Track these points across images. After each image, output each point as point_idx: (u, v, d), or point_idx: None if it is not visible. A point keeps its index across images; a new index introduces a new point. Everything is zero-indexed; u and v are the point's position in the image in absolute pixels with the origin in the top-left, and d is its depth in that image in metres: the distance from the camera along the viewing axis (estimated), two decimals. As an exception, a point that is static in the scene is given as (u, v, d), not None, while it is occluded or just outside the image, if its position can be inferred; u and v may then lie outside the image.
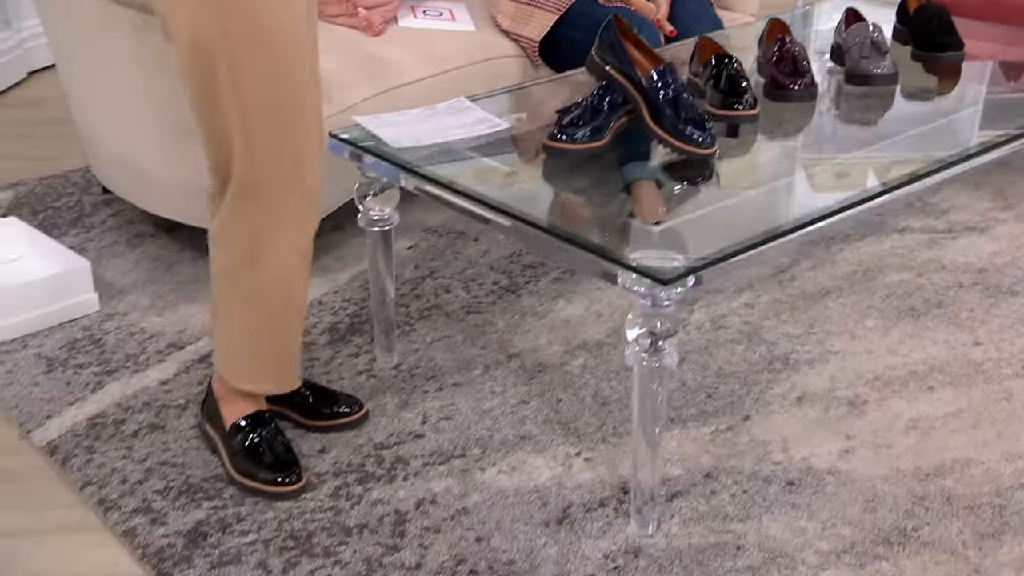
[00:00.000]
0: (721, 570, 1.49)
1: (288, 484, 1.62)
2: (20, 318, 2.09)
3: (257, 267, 1.54)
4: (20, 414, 1.85)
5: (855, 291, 2.28)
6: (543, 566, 1.50)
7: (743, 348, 2.06)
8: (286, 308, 1.60)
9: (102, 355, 2.04)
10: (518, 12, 2.57)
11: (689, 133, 1.67)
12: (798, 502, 1.64)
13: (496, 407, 1.88)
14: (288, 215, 1.51)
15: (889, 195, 1.61)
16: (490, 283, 2.31)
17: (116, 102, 2.25)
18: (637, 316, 1.40)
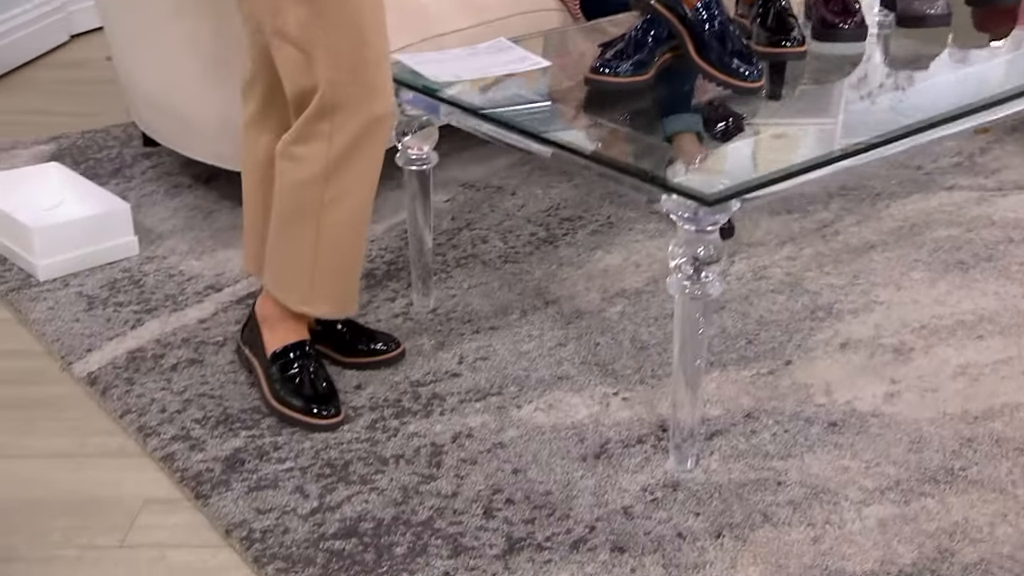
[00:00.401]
0: (761, 504, 1.47)
1: (327, 416, 1.62)
2: (61, 257, 2.12)
3: (331, 184, 1.54)
4: (61, 347, 1.87)
5: (901, 245, 2.25)
6: (580, 497, 1.49)
7: (784, 298, 2.04)
8: (356, 227, 1.60)
9: (141, 295, 2.06)
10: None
11: (736, 67, 1.65)
12: (841, 442, 1.61)
13: (533, 349, 1.87)
14: (365, 134, 1.52)
15: (935, 131, 1.58)
16: (527, 234, 2.30)
17: (157, 47, 2.26)
18: (680, 242, 1.38)
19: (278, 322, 1.68)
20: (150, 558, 1.39)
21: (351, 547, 1.40)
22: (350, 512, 1.46)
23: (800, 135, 1.61)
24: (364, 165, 1.55)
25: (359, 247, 1.63)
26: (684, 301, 1.41)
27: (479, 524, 1.44)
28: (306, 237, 1.58)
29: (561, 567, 1.37)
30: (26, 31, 3.37)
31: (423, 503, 1.48)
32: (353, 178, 1.55)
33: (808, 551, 1.39)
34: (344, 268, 1.62)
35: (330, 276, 1.61)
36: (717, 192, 1.32)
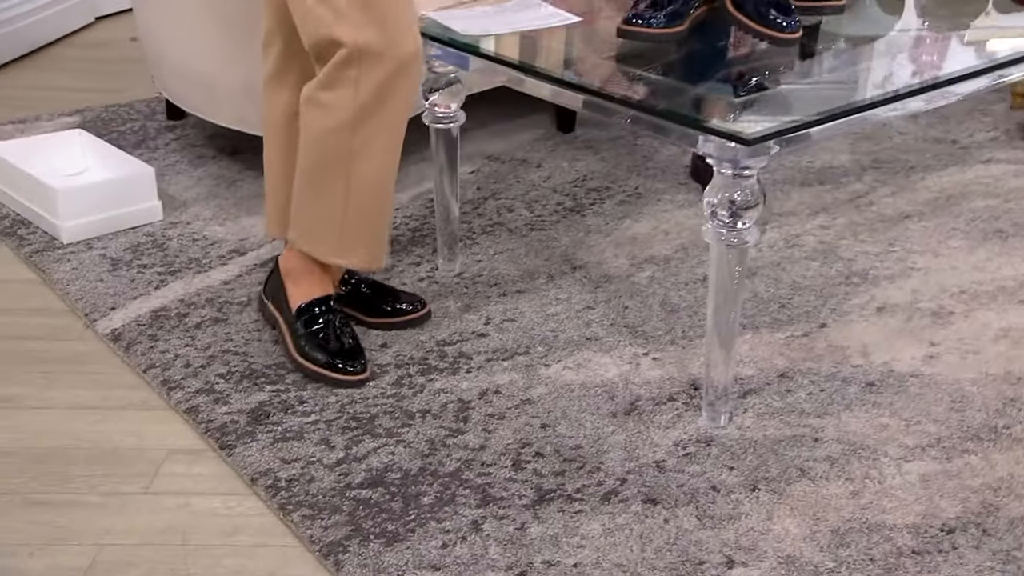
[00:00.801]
0: (798, 459, 1.44)
1: (353, 372, 1.60)
2: (85, 220, 2.11)
3: (359, 131, 1.52)
4: (85, 305, 1.87)
5: (937, 215, 2.21)
6: (611, 451, 1.47)
7: (818, 264, 2.01)
8: (385, 175, 1.57)
9: (165, 257, 2.05)
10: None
11: (773, 17, 1.62)
12: (879, 401, 1.58)
13: (561, 312, 1.85)
14: (393, 79, 1.50)
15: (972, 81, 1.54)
16: (554, 204, 2.28)
17: (183, 13, 2.26)
18: (717, 187, 1.36)
19: (303, 276, 1.66)
20: (175, 504, 1.38)
21: (378, 496, 1.38)
22: (376, 463, 1.44)
23: (837, 84, 1.58)
24: (392, 111, 1.53)
25: (388, 196, 1.60)
26: (720, 248, 1.38)
27: (508, 476, 1.42)
28: (336, 186, 1.56)
29: (592, 517, 1.34)
30: (52, 10, 3.38)
31: (450, 455, 1.46)
32: (381, 124, 1.53)
33: (847, 505, 1.36)
34: (374, 217, 1.60)
35: (361, 226, 1.59)
36: (757, 132, 1.29)
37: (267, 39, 1.65)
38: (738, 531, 1.32)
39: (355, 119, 1.52)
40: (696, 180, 2.41)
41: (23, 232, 2.14)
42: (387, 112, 1.53)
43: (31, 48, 3.33)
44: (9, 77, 3.15)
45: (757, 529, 1.32)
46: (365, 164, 1.55)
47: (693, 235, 2.14)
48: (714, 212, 1.36)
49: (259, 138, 2.91)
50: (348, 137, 1.53)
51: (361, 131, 1.53)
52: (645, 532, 1.32)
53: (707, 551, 1.29)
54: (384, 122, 1.54)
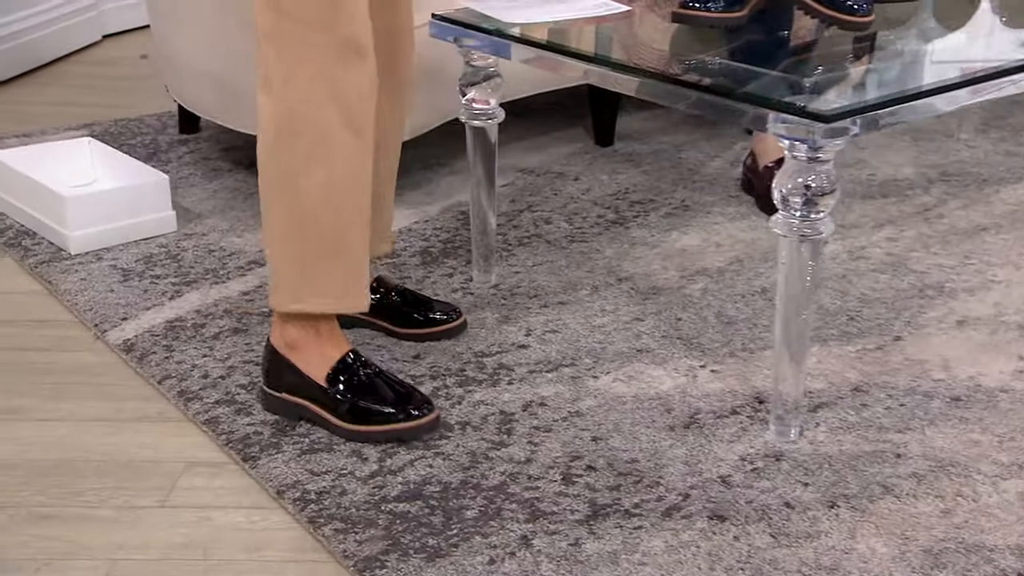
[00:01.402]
0: (880, 476, 1.39)
1: (428, 413, 1.44)
2: (95, 230, 2.10)
3: (295, 139, 1.36)
4: (94, 316, 1.85)
5: (1016, 228, 2.17)
6: (671, 465, 1.42)
7: (888, 276, 1.97)
8: (342, 191, 1.39)
9: (180, 268, 2.03)
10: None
11: (843, 0, 1.59)
12: (967, 416, 1.53)
13: (607, 323, 1.81)
14: (318, 64, 1.32)
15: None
16: (594, 216, 2.26)
17: (205, 12, 2.26)
18: (790, 173, 1.32)
19: (311, 343, 1.48)
20: (194, 519, 1.34)
21: (416, 510, 1.33)
22: (413, 476, 1.40)
23: (914, 66, 1.54)
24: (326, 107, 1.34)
25: (355, 216, 1.41)
26: (792, 243, 1.35)
27: (558, 490, 1.37)
28: (283, 211, 1.40)
29: (653, 533, 1.29)
30: (58, 26, 3.42)
31: (494, 468, 1.42)
32: (316, 127, 1.35)
33: (939, 524, 1.30)
34: (335, 246, 1.41)
35: (321, 258, 1.41)
36: (835, 109, 1.26)
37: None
38: (817, 550, 1.27)
39: (278, 122, 1.37)
40: (748, 192, 2.38)
41: (28, 243, 2.13)
42: (326, 114, 1.35)
43: (36, 64, 3.36)
44: (13, 91, 3.18)
45: (839, 548, 1.27)
46: (313, 180, 1.37)
47: (748, 248, 2.10)
48: (786, 200, 1.33)
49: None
50: (283, 152, 1.37)
51: (297, 138, 1.36)
52: (713, 550, 1.27)
53: (784, 571, 1.24)
54: (323, 127, 1.36)
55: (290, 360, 1.49)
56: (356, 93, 1.37)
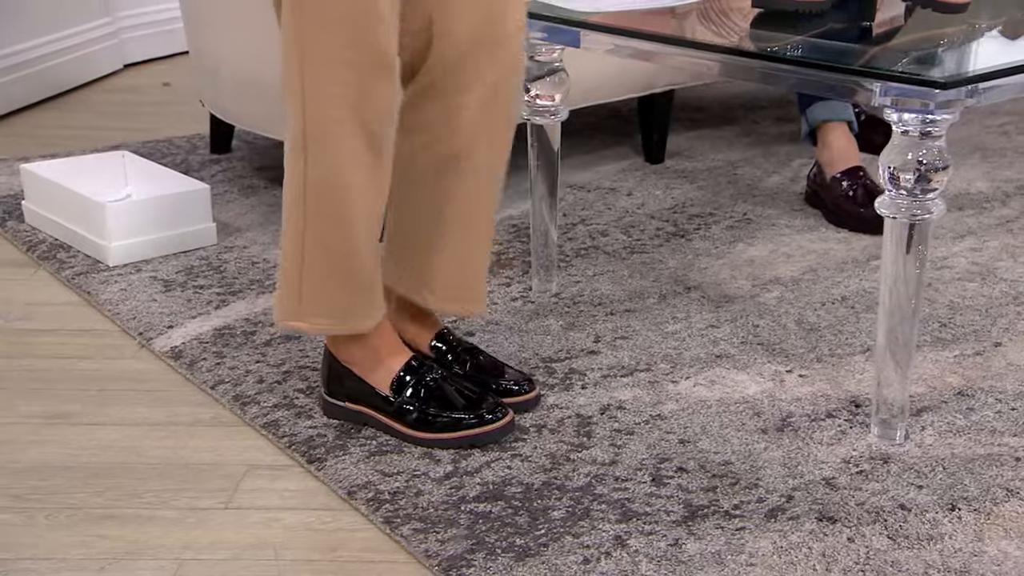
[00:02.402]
0: (1000, 479, 1.33)
1: (501, 417, 1.40)
2: (134, 240, 2.07)
3: (312, 153, 1.33)
4: (138, 325, 1.81)
5: (1106, 240, 2.13)
6: (767, 467, 1.37)
7: (976, 285, 1.92)
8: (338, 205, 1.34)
9: (223, 279, 2.00)
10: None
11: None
12: (1080, 419, 1.48)
13: (680, 330, 1.77)
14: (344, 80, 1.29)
15: None
16: (652, 229, 2.22)
17: (245, 14, 2.25)
18: (898, 150, 1.28)
19: (368, 355, 1.44)
20: (262, 519, 1.29)
21: (499, 510, 1.28)
22: (491, 477, 1.35)
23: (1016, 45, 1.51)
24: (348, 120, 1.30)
25: (360, 239, 1.36)
26: (900, 224, 1.30)
27: (648, 491, 1.32)
28: (294, 223, 1.37)
29: (758, 535, 1.24)
30: (79, 53, 3.44)
31: (577, 470, 1.37)
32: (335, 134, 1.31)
33: (1069, 526, 1.24)
34: (339, 270, 1.37)
35: (323, 275, 1.37)
36: (951, 76, 1.22)
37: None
38: (943, 552, 1.21)
39: (296, 134, 1.33)
40: (814, 206, 2.34)
41: (63, 256, 2.10)
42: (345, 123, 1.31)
43: (58, 91, 3.37)
44: (35, 117, 3.18)
45: (967, 551, 1.21)
46: (319, 193, 1.34)
47: (820, 258, 2.06)
48: (895, 178, 1.29)
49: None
50: (300, 157, 1.34)
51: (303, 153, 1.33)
52: (827, 551, 1.21)
53: (909, 573, 1.18)
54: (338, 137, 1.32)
55: (353, 371, 1.45)
56: (380, 111, 1.32)
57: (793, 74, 1.36)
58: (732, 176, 2.55)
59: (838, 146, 2.34)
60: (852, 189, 2.24)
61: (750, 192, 2.43)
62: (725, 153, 2.72)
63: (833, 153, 2.33)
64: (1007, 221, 2.22)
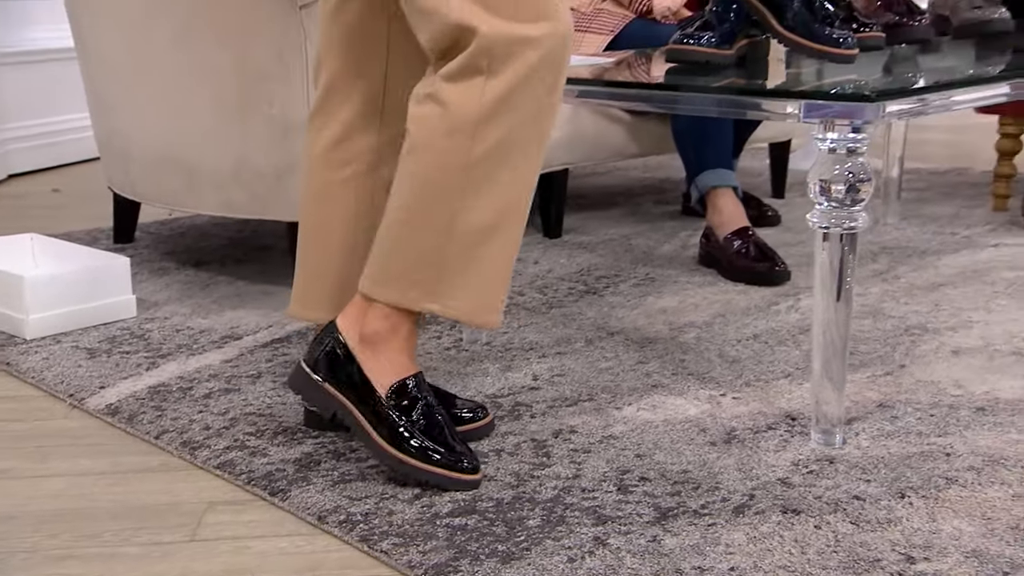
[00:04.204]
0: (938, 471, 1.36)
1: (474, 470, 1.32)
2: (53, 313, 1.97)
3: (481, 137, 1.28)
4: (67, 388, 1.71)
5: (970, 283, 2.24)
6: (724, 473, 1.37)
7: (871, 321, 1.99)
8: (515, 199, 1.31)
9: (149, 346, 1.92)
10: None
11: (828, 34, 1.66)
12: (999, 421, 1.53)
13: (613, 366, 1.77)
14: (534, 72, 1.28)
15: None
16: (565, 288, 2.24)
17: (162, 94, 2.21)
18: (826, 164, 1.33)
19: (388, 343, 1.33)
20: (232, 548, 1.21)
21: (474, 522, 1.24)
22: (461, 496, 1.31)
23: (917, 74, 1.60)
24: (529, 113, 1.27)
25: (513, 229, 1.31)
26: (833, 235, 1.35)
27: (616, 498, 1.30)
28: (444, 205, 1.28)
29: (730, 529, 1.23)
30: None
31: (543, 484, 1.34)
32: (513, 123, 1.27)
33: (1015, 506, 1.28)
34: (493, 252, 1.30)
35: (471, 260, 1.29)
36: (879, 89, 1.28)
37: (315, 67, 1.47)
38: (904, 532, 1.22)
39: (479, 119, 1.26)
40: (708, 265, 2.40)
41: (-25, 332, 1.99)
42: (522, 113, 1.27)
43: (-62, 201, 3.23)
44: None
45: (925, 529, 1.23)
46: (486, 179, 1.28)
47: (726, 306, 2.11)
48: (825, 189, 1.33)
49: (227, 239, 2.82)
50: (467, 144, 1.27)
51: (485, 136, 1.27)
52: (799, 538, 1.21)
53: (878, 551, 1.18)
54: (517, 121, 1.27)
55: (355, 354, 1.34)
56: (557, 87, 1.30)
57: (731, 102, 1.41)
58: (628, 246, 2.60)
59: (727, 210, 2.42)
60: (744, 247, 2.31)
61: (647, 258, 2.48)
62: (616, 228, 2.78)
63: (723, 216, 2.41)
64: (880, 273, 2.32)
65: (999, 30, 2.08)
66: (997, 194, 2.95)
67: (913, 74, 1.49)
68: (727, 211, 2.40)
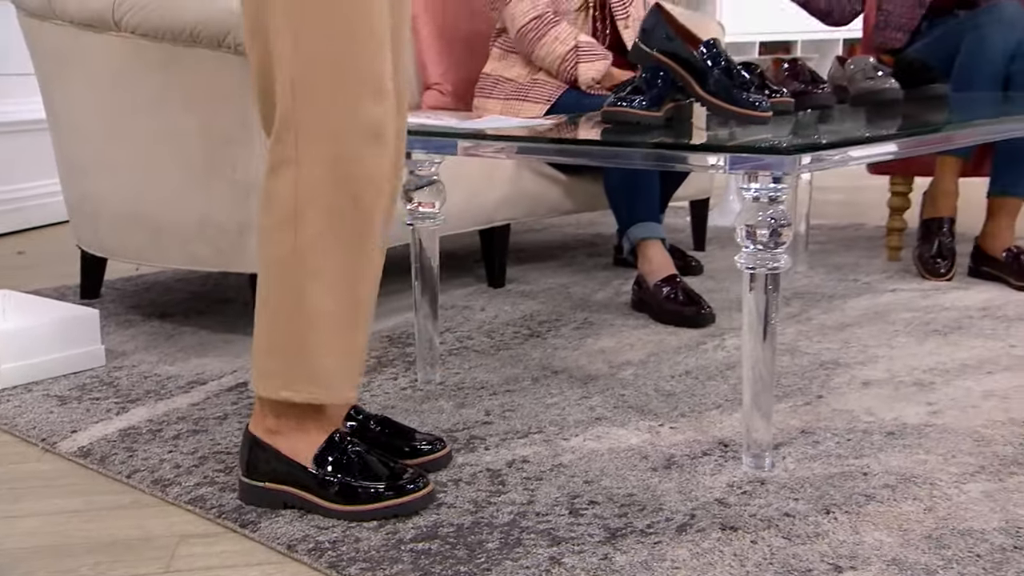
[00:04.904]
0: (858, 489, 1.38)
1: (424, 487, 1.30)
2: (23, 363, 1.92)
3: (303, 230, 1.22)
4: (40, 432, 1.66)
5: (873, 323, 2.29)
6: (666, 495, 1.36)
7: (788, 359, 2.02)
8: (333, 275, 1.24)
9: (118, 392, 1.87)
10: (506, 108, 2.65)
11: (745, 98, 1.70)
12: (908, 444, 1.55)
13: (559, 401, 1.77)
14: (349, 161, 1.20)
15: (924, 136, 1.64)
16: (511, 332, 2.24)
17: (131, 156, 2.18)
18: (750, 211, 1.36)
19: (296, 426, 1.31)
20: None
21: (437, 546, 1.22)
22: (423, 522, 1.29)
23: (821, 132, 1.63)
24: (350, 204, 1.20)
25: (360, 311, 1.27)
26: (759, 276, 1.37)
27: (569, 521, 1.29)
28: (285, 298, 1.24)
29: (674, 546, 1.22)
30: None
31: (500, 510, 1.32)
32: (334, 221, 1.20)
33: (927, 518, 1.29)
34: (338, 336, 1.26)
35: (319, 348, 1.25)
36: (795, 144, 1.31)
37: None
38: (831, 544, 1.23)
39: (296, 212, 1.20)
40: (640, 310, 2.42)
41: (-52, 382, 1.92)
42: (341, 205, 1.20)
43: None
44: None
45: (850, 541, 1.23)
46: (318, 271, 1.23)
47: (659, 346, 2.12)
48: (751, 234, 1.36)
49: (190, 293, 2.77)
50: (290, 236, 1.22)
51: (306, 229, 1.21)
52: (738, 552, 1.21)
53: (809, 562, 1.19)
54: (340, 218, 1.21)
55: (273, 446, 1.33)
56: (373, 177, 1.22)
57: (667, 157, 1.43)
58: (566, 294, 2.61)
59: (657, 259, 2.45)
60: (673, 292, 2.33)
61: (584, 304, 2.49)
62: (555, 278, 2.79)
63: (653, 265, 2.43)
64: (793, 315, 2.36)
65: (890, 98, 2.16)
66: (891, 246, 3.03)
67: (820, 133, 1.53)
68: (656, 260, 2.43)
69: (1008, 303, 2.44)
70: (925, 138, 1.61)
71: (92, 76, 2.18)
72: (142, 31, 2.05)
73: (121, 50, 2.08)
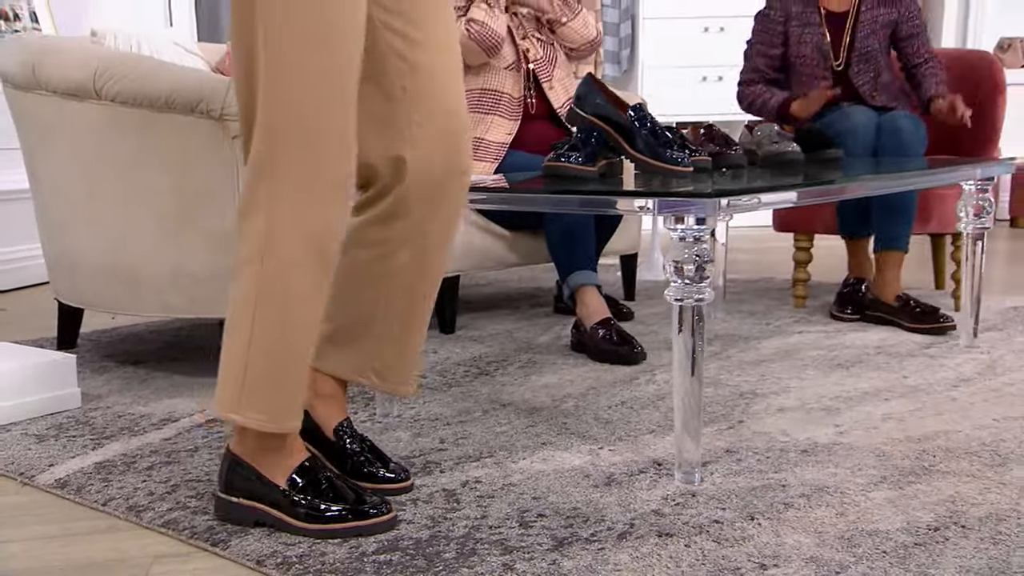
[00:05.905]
0: (778, 498, 1.38)
1: (385, 511, 1.27)
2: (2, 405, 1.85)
3: (263, 267, 1.19)
4: (18, 467, 1.59)
5: (784, 360, 2.32)
6: (608, 508, 1.35)
7: (711, 391, 2.03)
8: (284, 314, 1.21)
9: (94, 430, 1.81)
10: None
11: (669, 155, 1.73)
12: (819, 460, 1.57)
13: (508, 430, 1.75)
14: (313, 210, 1.18)
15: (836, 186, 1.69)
16: (461, 371, 2.23)
17: (109, 213, 2.14)
18: (678, 248, 1.38)
19: (271, 449, 1.28)
20: (178, 592, 1.13)
21: (397, 558, 1.19)
22: (384, 538, 1.26)
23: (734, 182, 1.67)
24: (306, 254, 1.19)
25: (297, 348, 1.23)
26: (687, 307, 1.38)
27: (519, 532, 1.27)
28: (239, 331, 1.22)
29: (616, 551, 1.21)
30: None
31: (455, 525, 1.30)
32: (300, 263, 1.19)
33: (839, 521, 1.30)
34: (278, 374, 1.23)
35: (264, 379, 1.22)
36: (714, 190, 1.34)
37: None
38: (756, 546, 1.23)
39: (262, 253, 1.19)
40: (579, 351, 2.43)
41: (-71, 424, 1.84)
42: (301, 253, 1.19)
43: None
44: None
45: (772, 543, 1.23)
46: (269, 300, 1.20)
47: (596, 381, 2.12)
48: (679, 269, 1.37)
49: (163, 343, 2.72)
50: (256, 273, 1.20)
51: (268, 268, 1.19)
52: (673, 555, 1.20)
53: (737, 562, 1.18)
54: (299, 264, 1.19)
55: (252, 465, 1.30)
56: (332, 228, 1.20)
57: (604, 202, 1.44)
58: (512, 338, 2.61)
59: (593, 304, 2.46)
60: (608, 334, 2.34)
61: (528, 346, 2.49)
62: (501, 325, 2.79)
63: (589, 309, 2.44)
64: (716, 353, 2.38)
65: (792, 159, 2.22)
66: (797, 295, 3.08)
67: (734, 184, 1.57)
68: (593, 305, 2.44)
69: (900, 342, 2.49)
70: (823, 188, 1.66)
71: (74, 141, 2.14)
72: (121, 99, 2.03)
73: (101, 116, 2.06)
